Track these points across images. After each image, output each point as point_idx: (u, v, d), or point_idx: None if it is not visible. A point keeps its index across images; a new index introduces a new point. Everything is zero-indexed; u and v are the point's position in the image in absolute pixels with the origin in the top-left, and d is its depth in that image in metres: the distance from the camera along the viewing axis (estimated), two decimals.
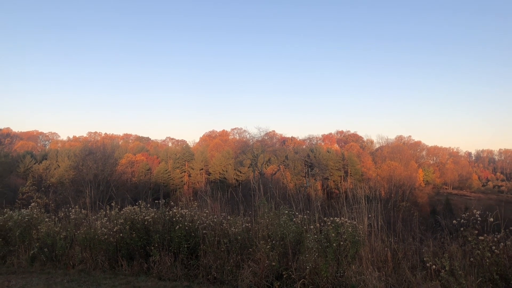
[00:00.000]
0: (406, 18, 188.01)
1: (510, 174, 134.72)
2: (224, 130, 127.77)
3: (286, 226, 6.70)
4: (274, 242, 6.55)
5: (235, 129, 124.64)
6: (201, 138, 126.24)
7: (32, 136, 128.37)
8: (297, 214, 7.27)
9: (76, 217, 8.84)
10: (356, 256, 6.18)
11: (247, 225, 7.37)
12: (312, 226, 6.69)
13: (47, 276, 7.17)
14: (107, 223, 8.02)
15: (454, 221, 6.16)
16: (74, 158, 56.17)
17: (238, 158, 69.66)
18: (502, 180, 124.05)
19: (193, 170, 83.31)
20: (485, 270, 5.19)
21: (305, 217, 7.06)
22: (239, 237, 7.02)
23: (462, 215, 5.96)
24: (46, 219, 8.95)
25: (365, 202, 6.96)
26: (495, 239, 5.41)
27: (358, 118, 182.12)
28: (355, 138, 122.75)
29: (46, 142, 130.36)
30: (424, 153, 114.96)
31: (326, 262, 5.97)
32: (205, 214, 7.73)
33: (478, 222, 5.68)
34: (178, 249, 7.23)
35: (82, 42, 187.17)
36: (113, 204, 8.51)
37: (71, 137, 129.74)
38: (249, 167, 65.88)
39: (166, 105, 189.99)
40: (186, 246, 7.23)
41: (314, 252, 6.05)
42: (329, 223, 6.49)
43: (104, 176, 43.18)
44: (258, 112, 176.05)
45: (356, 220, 6.61)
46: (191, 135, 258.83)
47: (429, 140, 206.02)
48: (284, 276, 6.10)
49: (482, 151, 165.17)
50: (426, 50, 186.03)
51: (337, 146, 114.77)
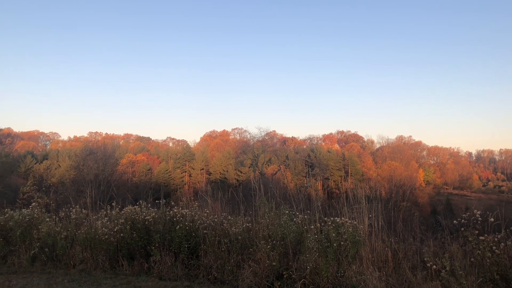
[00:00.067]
0: (406, 18, 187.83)
1: (511, 174, 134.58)
2: (224, 130, 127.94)
3: (286, 226, 6.70)
4: (274, 242, 6.55)
5: (236, 129, 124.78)
6: (201, 138, 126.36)
7: (33, 136, 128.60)
8: (297, 214, 7.26)
9: (76, 217, 8.84)
10: (356, 256, 6.18)
11: (248, 225, 7.36)
12: (312, 226, 6.69)
13: (48, 276, 7.18)
14: (108, 223, 8.02)
15: (454, 221, 6.16)
16: (75, 158, 56.34)
17: (239, 158, 69.72)
18: (503, 180, 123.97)
19: (193, 170, 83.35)
20: (485, 270, 5.19)
21: (305, 217, 7.05)
22: (240, 237, 7.02)
23: (463, 215, 5.96)
24: (47, 219, 8.96)
25: (365, 202, 6.95)
26: (496, 239, 5.41)
27: (359, 118, 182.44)
28: (356, 138, 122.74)
29: (47, 142, 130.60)
30: (424, 153, 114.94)
31: (326, 262, 5.97)
32: (205, 214, 7.73)
33: (479, 222, 5.68)
34: (179, 249, 7.23)
35: (82, 42, 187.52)
36: (113, 204, 8.51)
37: (72, 137, 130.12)
38: (249, 167, 65.88)
39: (166, 105, 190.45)
40: (186, 246, 7.23)
41: (314, 252, 6.05)
42: (329, 223, 6.49)
43: (104, 176, 43.22)
44: (259, 112, 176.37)
45: (356, 220, 6.61)
46: (192, 135, 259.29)
47: (429, 140, 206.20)
48: (284, 276, 6.10)
49: (483, 151, 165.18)
50: (426, 50, 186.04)
51: (337, 146, 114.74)
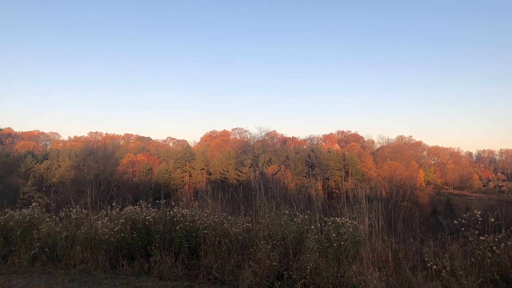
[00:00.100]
0: (406, 18, 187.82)
1: (511, 174, 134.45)
2: (225, 130, 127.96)
3: (287, 226, 6.69)
4: (275, 242, 6.54)
5: (236, 129, 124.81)
6: (202, 138, 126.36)
7: (33, 136, 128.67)
8: (298, 214, 7.26)
9: (77, 217, 8.83)
10: (357, 256, 6.17)
11: (248, 225, 7.35)
12: (313, 226, 6.69)
13: (48, 276, 7.17)
14: (108, 223, 8.02)
15: (455, 221, 6.15)
16: (75, 158, 56.32)
17: (239, 158, 69.73)
18: (503, 180, 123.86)
19: (194, 170, 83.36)
20: (486, 271, 5.18)
21: (306, 217, 7.05)
22: (240, 237, 7.01)
23: (463, 215, 5.95)
24: (47, 219, 8.95)
25: (366, 202, 6.95)
26: (496, 239, 5.40)
27: (359, 118, 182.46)
28: (356, 138, 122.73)
29: (47, 142, 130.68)
30: (425, 153, 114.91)
31: (327, 262, 5.97)
32: (206, 214, 7.72)
33: (479, 222, 5.68)
34: (179, 249, 7.23)
35: (82, 42, 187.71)
36: (114, 204, 8.51)
37: (72, 137, 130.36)
38: (250, 167, 65.86)
39: (166, 105, 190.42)
40: (187, 246, 7.22)
41: (315, 252, 6.05)
42: (330, 223, 6.49)
43: (105, 176, 43.22)
44: (259, 112, 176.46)
45: (357, 220, 6.61)
46: (192, 135, 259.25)
47: (430, 140, 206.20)
48: (285, 276, 6.10)
49: (483, 151, 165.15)
50: (426, 50, 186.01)
51: (338, 146, 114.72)
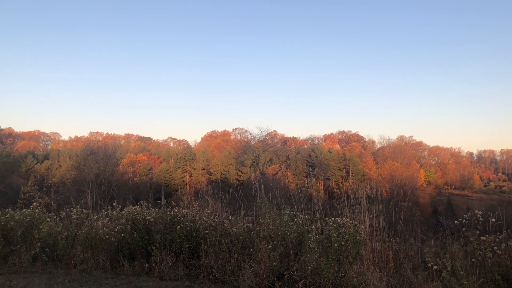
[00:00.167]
0: (406, 18, 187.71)
1: None
2: (225, 130, 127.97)
3: (287, 226, 6.69)
4: (275, 242, 6.54)
5: (237, 129, 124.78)
6: (202, 138, 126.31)
7: (33, 136, 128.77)
8: (298, 214, 7.26)
9: (77, 217, 8.84)
10: (357, 256, 6.17)
11: (249, 225, 7.36)
12: (313, 226, 6.69)
13: (49, 276, 7.18)
14: (109, 223, 8.03)
15: (455, 221, 6.15)
16: (75, 158, 56.31)
17: (240, 158, 69.71)
18: (504, 180, 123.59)
19: (194, 170, 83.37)
20: (487, 271, 5.18)
21: (306, 217, 7.05)
22: (241, 237, 7.01)
23: (464, 216, 5.95)
24: (48, 219, 8.96)
25: (366, 202, 6.94)
26: (497, 240, 5.40)
27: (359, 118, 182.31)
28: (357, 138, 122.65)
29: (48, 142, 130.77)
30: (425, 153, 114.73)
31: (327, 262, 5.96)
32: (206, 214, 7.73)
33: (480, 222, 5.67)
34: (180, 249, 7.23)
35: (82, 42, 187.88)
36: (114, 204, 8.52)
37: (73, 137, 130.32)
38: (250, 167, 65.86)
39: (167, 105, 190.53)
40: (187, 246, 7.23)
41: (315, 252, 6.05)
42: (330, 223, 6.48)
43: (105, 176, 43.24)
44: (259, 112, 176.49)
45: (357, 220, 6.60)
46: (193, 135, 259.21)
47: (430, 140, 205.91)
48: (285, 276, 6.10)
49: (484, 151, 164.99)
50: (426, 50, 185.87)
51: (338, 146, 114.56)
